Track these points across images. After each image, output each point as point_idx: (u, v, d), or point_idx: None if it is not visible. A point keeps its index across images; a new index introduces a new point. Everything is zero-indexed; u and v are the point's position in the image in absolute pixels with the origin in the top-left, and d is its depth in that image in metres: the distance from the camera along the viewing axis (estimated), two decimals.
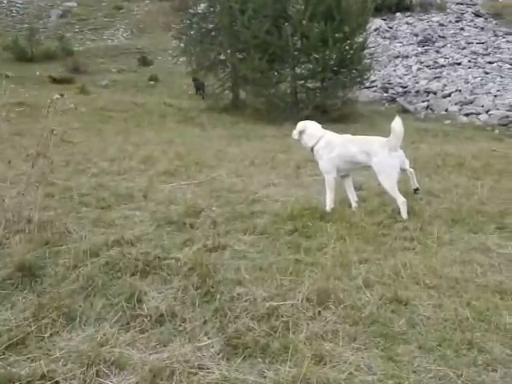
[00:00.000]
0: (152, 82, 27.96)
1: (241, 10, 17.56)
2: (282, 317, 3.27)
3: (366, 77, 19.13)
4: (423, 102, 20.74)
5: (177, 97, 25.21)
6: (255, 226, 5.20)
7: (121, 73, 29.79)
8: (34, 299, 3.68)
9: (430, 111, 19.91)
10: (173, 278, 3.97)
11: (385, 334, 3.13)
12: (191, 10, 22.20)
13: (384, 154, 5.68)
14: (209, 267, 4.01)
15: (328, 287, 3.50)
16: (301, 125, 6.49)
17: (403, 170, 6.19)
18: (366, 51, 18.88)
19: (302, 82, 18.50)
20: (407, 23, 31.01)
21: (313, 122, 6.59)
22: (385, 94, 22.70)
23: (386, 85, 23.19)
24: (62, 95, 4.80)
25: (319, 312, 3.32)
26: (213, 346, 3.08)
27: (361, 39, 18.45)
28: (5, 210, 5.12)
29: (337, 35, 17.65)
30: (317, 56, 17.64)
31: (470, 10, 32.00)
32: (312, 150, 6.35)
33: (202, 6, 21.60)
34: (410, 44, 27.89)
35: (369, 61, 18.93)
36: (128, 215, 6.03)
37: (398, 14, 32.59)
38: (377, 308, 3.38)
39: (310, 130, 6.38)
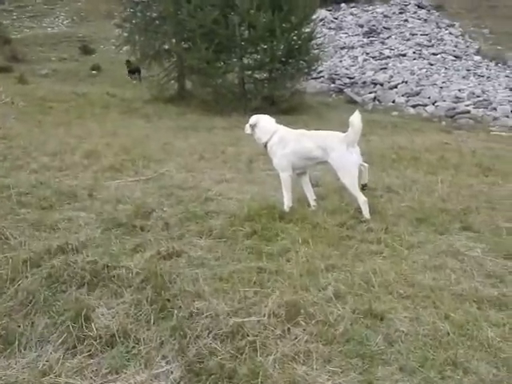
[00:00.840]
0: (94, 72, 27.09)
1: None
2: (248, 336, 2.97)
3: (313, 67, 18.99)
4: (370, 93, 20.83)
5: (120, 86, 24.44)
6: (211, 229, 4.88)
7: (61, 62, 28.75)
8: None
9: (377, 102, 20.01)
10: (124, 290, 3.61)
11: (362, 354, 2.87)
12: None
13: (342, 150, 5.46)
14: (164, 278, 3.67)
15: (296, 300, 3.22)
16: (253, 119, 6.17)
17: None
18: (313, 42, 18.72)
19: (250, 72, 18.18)
20: (352, 14, 31.17)
21: (266, 115, 6.24)
22: (332, 85, 22.70)
23: (333, 76, 23.20)
24: None
25: (289, 329, 3.03)
26: (172, 373, 2.77)
27: (308, 30, 18.27)
28: None
29: (284, 25, 17.41)
30: (264, 46, 17.37)
31: (412, 1, 32.43)
32: (265, 145, 6.03)
33: None
34: (356, 35, 28.04)
35: (316, 51, 18.80)
36: (72, 217, 5.58)
37: (342, 4, 32.73)
38: (351, 323, 3.12)
39: (263, 124, 6.06)
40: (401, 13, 30.37)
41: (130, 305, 3.43)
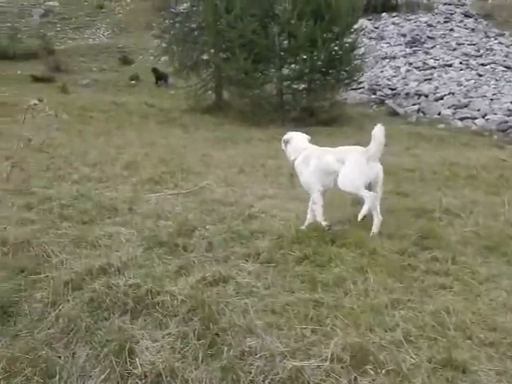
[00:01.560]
0: (133, 82, 27.24)
1: (226, 8, 16.89)
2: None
3: (355, 78, 18.57)
4: (414, 104, 20.27)
5: (158, 96, 24.54)
6: (258, 251, 4.57)
7: (102, 72, 29.03)
8: (5, 351, 3.05)
9: (421, 114, 19.44)
10: (169, 320, 3.35)
11: None
12: (173, 10, 21.45)
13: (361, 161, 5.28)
14: (211, 308, 3.38)
15: (362, 343, 2.87)
16: (287, 135, 6.17)
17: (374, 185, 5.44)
18: (355, 52, 18.31)
19: (289, 83, 17.86)
20: (394, 23, 30.60)
21: (300, 133, 6.21)
22: (373, 96, 22.21)
23: (374, 86, 22.70)
24: (40, 100, 4.14)
25: (355, 379, 2.69)
26: None
27: (350, 39, 17.89)
28: None
29: (325, 35, 17.08)
30: (304, 56, 17.06)
31: (458, 10, 31.66)
32: (293, 163, 5.97)
33: (185, 4, 20.88)
34: (398, 45, 27.47)
35: (358, 62, 18.38)
36: (113, 233, 5.37)
37: (384, 14, 32.17)
38: (428, 376, 2.73)
39: (295, 142, 6.03)
40: (446, 22, 29.65)
41: (176, 338, 3.16)
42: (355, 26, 18.20)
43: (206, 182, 8.36)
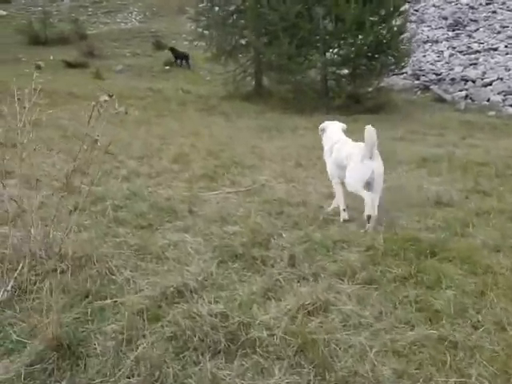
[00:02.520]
0: (167, 67, 26.70)
1: None
2: None
3: (403, 63, 17.71)
4: (461, 90, 19.32)
5: (194, 83, 24.03)
6: (352, 268, 4.00)
7: (135, 57, 28.57)
8: None
9: (469, 101, 18.50)
10: (273, 365, 2.79)
11: None
12: None
13: (357, 160, 5.38)
14: (323, 351, 2.82)
15: None
16: (323, 124, 6.37)
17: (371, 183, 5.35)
18: (403, 36, 17.42)
19: (334, 68, 17.10)
20: (434, 6, 29.46)
21: (336, 123, 6.32)
22: (416, 82, 21.31)
23: (417, 72, 21.77)
24: (110, 96, 3.62)
25: None
26: None
27: (398, 22, 17.00)
28: (31, 241, 3.98)
29: (372, 18, 16.27)
30: (351, 40, 16.29)
31: None
32: None
33: None
34: (440, 28, 26.41)
35: (406, 46, 17.50)
36: (177, 241, 4.84)
37: None
38: None
39: (329, 131, 6.18)
40: (488, 4, 28.38)
41: None
42: (402, 9, 17.27)
43: (264, 178, 7.83)
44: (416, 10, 29.62)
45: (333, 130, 6.13)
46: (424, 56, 23.58)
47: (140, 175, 7.83)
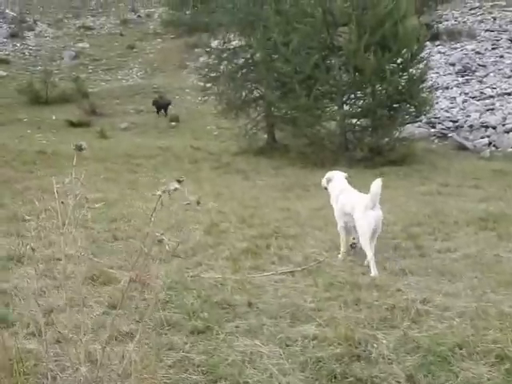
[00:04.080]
0: (173, 123, 26.07)
1: (283, 42, 15.60)
2: None
3: (424, 112, 17.01)
4: (482, 137, 18.58)
5: (201, 138, 23.30)
6: None
7: (139, 114, 28.01)
8: None
9: (493, 148, 17.75)
10: None
11: None
12: (220, 46, 20.28)
13: (361, 210, 6.16)
14: None
15: None
16: (329, 174, 7.14)
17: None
18: (423, 84, 16.77)
19: (354, 120, 16.39)
20: (439, 52, 29.12)
21: (340, 173, 7.12)
22: (432, 130, 20.60)
23: (432, 119, 21.07)
24: (180, 181, 2.74)
25: None
26: None
27: (418, 70, 16.38)
28: None
29: (391, 66, 15.67)
30: (371, 90, 15.63)
31: (503, 36, 30.08)
32: None
33: (234, 42, 19.71)
34: (448, 74, 25.92)
35: (427, 94, 16.85)
36: (250, 353, 3.87)
37: (427, 42, 30.72)
38: None
39: (335, 181, 6.93)
40: (494, 48, 28.07)
41: None
42: (421, 55, 16.69)
43: (315, 252, 6.89)
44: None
45: (338, 179, 6.92)
46: (437, 103, 22.95)
47: (177, 253, 6.86)
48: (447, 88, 24.45)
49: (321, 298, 5.11)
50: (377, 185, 6.01)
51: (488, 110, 20.77)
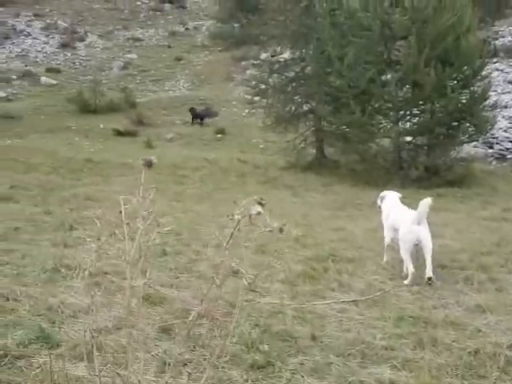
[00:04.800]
0: (219, 135, 25.81)
1: (338, 56, 15.11)
2: None
3: (485, 132, 16.22)
4: None
5: (248, 151, 22.95)
6: None
7: (185, 125, 27.88)
8: None
9: None
10: None
11: None
12: (270, 59, 19.96)
13: (406, 225, 6.29)
14: None
15: None
16: (383, 192, 7.41)
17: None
18: (485, 102, 15.97)
19: (410, 138, 15.73)
20: (497, 69, 28.09)
21: (394, 192, 7.29)
22: (490, 150, 19.72)
23: (490, 139, 20.16)
24: (261, 204, 2.31)
25: None
26: None
27: (481, 87, 15.62)
28: None
29: (453, 82, 14.98)
30: (430, 108, 14.97)
31: None
32: None
33: (285, 55, 19.32)
34: (507, 92, 24.94)
35: (488, 113, 16.06)
36: None
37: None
38: None
39: (387, 200, 7.12)
40: None
41: None
42: (484, 73, 15.94)
43: (377, 279, 6.35)
44: None
45: (391, 198, 7.10)
46: (495, 122, 22.03)
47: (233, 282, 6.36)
48: (506, 107, 23.46)
49: (391, 334, 4.56)
50: (425, 203, 6.14)
51: None
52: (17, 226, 8.09)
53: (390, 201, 7.06)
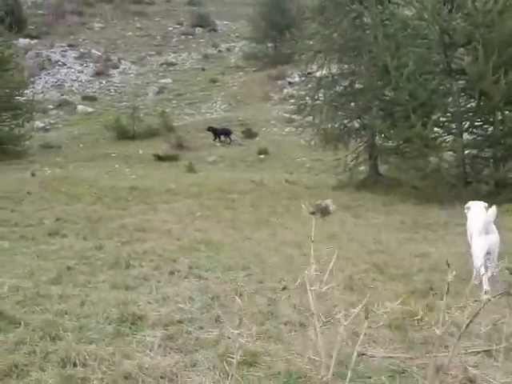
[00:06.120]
0: (262, 156, 25.03)
1: (396, 66, 14.11)
2: None
3: None
4: None
5: (294, 172, 22.09)
6: None
7: (226, 147, 27.21)
8: None
9: None
10: None
11: None
12: (317, 74, 19.09)
13: (476, 234, 6.32)
14: None
15: None
16: (468, 203, 7.11)
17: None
18: None
19: (475, 151, 14.59)
20: None
21: (481, 203, 6.88)
22: None
23: None
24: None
25: None
26: None
27: None
28: None
29: None
30: (499, 118, 13.82)
31: None
32: None
33: (333, 69, 18.42)
34: None
35: None
36: None
37: None
38: None
39: (471, 211, 6.83)
40: None
41: None
42: None
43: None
44: None
45: (475, 209, 6.77)
46: None
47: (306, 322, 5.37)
48: None
49: None
50: (491, 212, 6.20)
51: None
52: (69, 265, 7.32)
53: (474, 213, 6.76)
